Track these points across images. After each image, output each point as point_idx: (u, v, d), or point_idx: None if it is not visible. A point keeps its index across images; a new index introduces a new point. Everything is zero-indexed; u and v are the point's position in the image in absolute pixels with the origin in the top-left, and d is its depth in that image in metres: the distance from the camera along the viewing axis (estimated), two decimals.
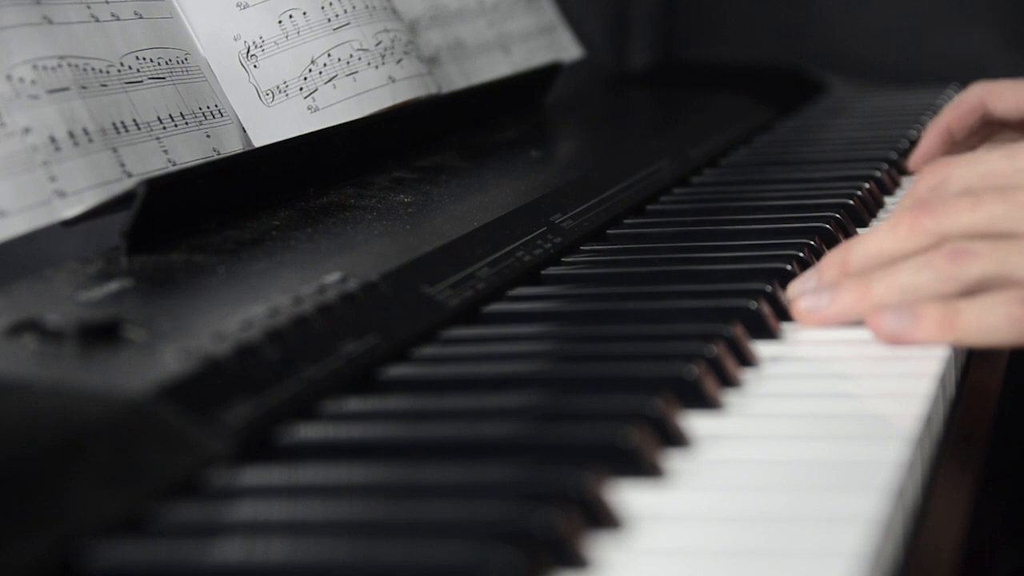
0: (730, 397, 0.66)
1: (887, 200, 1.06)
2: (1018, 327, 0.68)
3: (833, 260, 0.76)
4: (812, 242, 0.85)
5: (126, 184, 0.80)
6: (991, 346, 0.71)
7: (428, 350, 0.70)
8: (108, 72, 0.84)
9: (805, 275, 0.78)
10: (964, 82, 1.47)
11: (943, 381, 0.68)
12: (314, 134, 0.94)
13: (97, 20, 0.85)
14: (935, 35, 1.62)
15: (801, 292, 0.76)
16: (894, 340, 0.70)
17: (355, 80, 0.99)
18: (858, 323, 0.73)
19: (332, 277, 0.71)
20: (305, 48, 0.97)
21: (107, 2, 0.87)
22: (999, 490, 0.74)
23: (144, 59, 0.87)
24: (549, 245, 0.86)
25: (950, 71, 1.53)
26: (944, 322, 0.70)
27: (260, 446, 0.58)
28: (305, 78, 0.97)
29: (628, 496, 0.55)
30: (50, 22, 0.82)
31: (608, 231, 0.94)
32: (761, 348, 0.71)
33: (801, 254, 0.82)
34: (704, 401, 0.64)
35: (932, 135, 1.16)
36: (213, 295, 0.72)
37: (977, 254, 0.71)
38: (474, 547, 0.48)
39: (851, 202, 0.97)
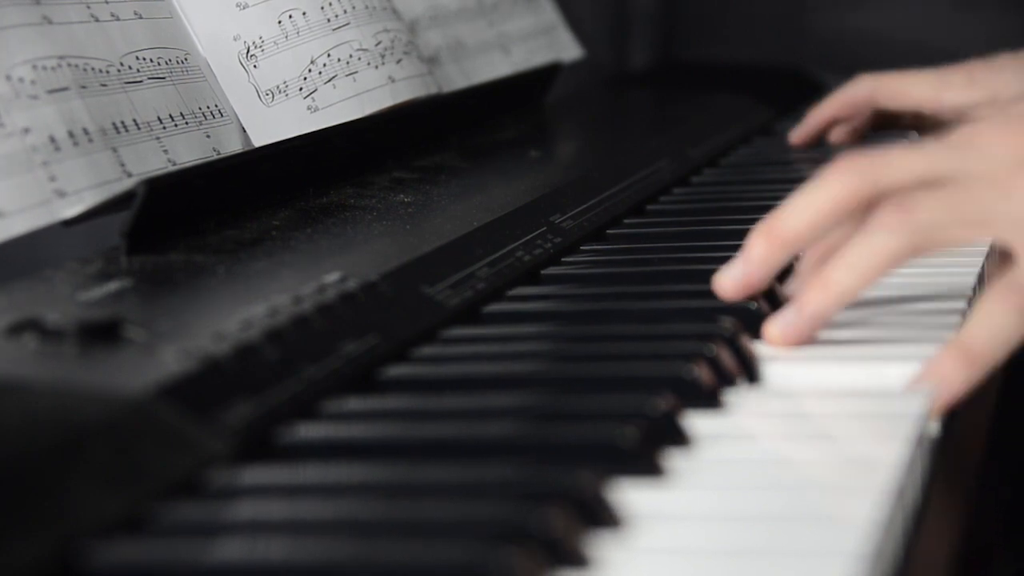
0: (730, 396, 0.66)
1: None
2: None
3: (759, 232, 0.72)
4: None
5: (126, 184, 0.80)
6: (1015, 349, 0.67)
7: (428, 350, 0.70)
8: (108, 72, 0.84)
9: (730, 264, 0.73)
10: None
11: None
12: (314, 134, 0.94)
13: (97, 20, 0.85)
14: (935, 35, 1.62)
15: (729, 278, 0.72)
16: (939, 407, 0.65)
17: (355, 80, 0.99)
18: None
19: (332, 277, 0.71)
20: (305, 48, 0.97)
21: (107, 2, 0.87)
22: (997, 491, 0.74)
23: (144, 59, 0.87)
24: (549, 245, 0.86)
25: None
26: (966, 360, 0.65)
27: (260, 446, 0.58)
28: (305, 78, 0.97)
29: (628, 495, 0.55)
30: (50, 22, 0.82)
31: (608, 231, 0.94)
32: (761, 348, 0.71)
33: (801, 253, 0.82)
34: (704, 401, 0.64)
35: (816, 121, 1.20)
36: (213, 295, 0.72)
37: (923, 200, 0.67)
38: (473, 547, 0.48)
39: None
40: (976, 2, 1.63)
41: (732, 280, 0.72)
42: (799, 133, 1.22)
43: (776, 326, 0.71)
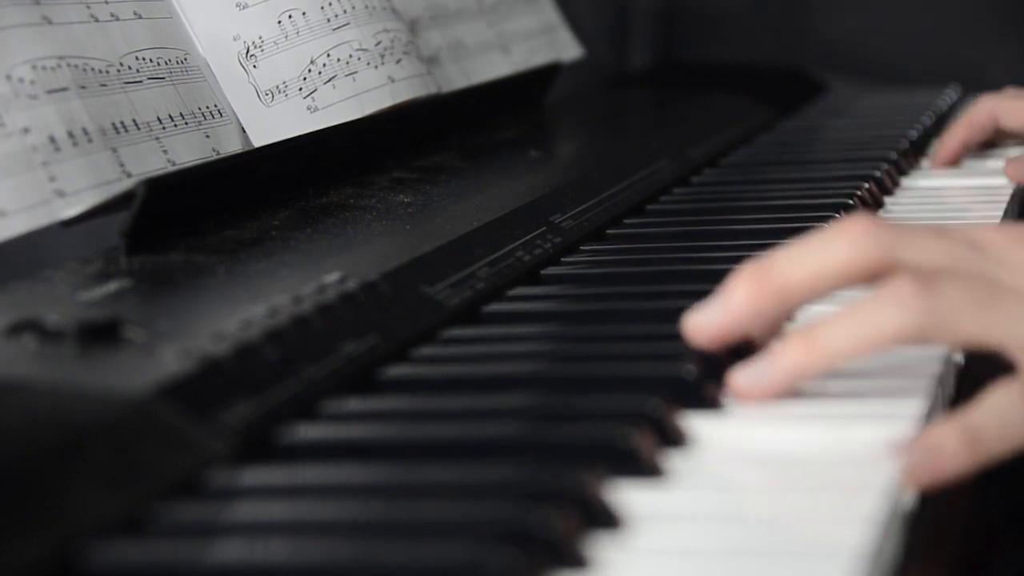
0: (730, 397, 0.66)
1: (887, 200, 1.06)
2: None
3: (746, 274, 0.63)
4: None
5: (126, 184, 0.80)
6: (1017, 451, 0.60)
7: (428, 350, 0.70)
8: (107, 72, 0.84)
9: (704, 306, 0.64)
10: (964, 82, 1.48)
11: (942, 381, 0.68)
12: (314, 134, 0.94)
13: (96, 20, 0.85)
14: (935, 35, 1.62)
15: (702, 321, 0.64)
16: (919, 480, 0.58)
17: (355, 80, 0.99)
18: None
19: (332, 277, 0.71)
20: (304, 48, 0.97)
21: (106, 2, 0.87)
22: (1001, 487, 0.74)
23: (143, 59, 0.87)
24: (549, 245, 0.86)
25: (950, 71, 1.53)
26: (969, 446, 0.58)
27: (260, 446, 0.58)
28: (304, 78, 0.97)
29: (627, 496, 0.55)
30: (49, 22, 0.82)
31: (608, 231, 0.94)
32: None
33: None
34: (704, 401, 0.64)
35: (949, 148, 1.19)
36: (213, 295, 0.72)
37: (948, 284, 0.60)
38: (473, 547, 0.48)
39: (851, 202, 0.97)
40: (976, 2, 1.63)
41: (705, 325, 0.64)
42: (939, 159, 1.19)
43: (743, 377, 0.63)
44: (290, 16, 0.98)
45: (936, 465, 0.58)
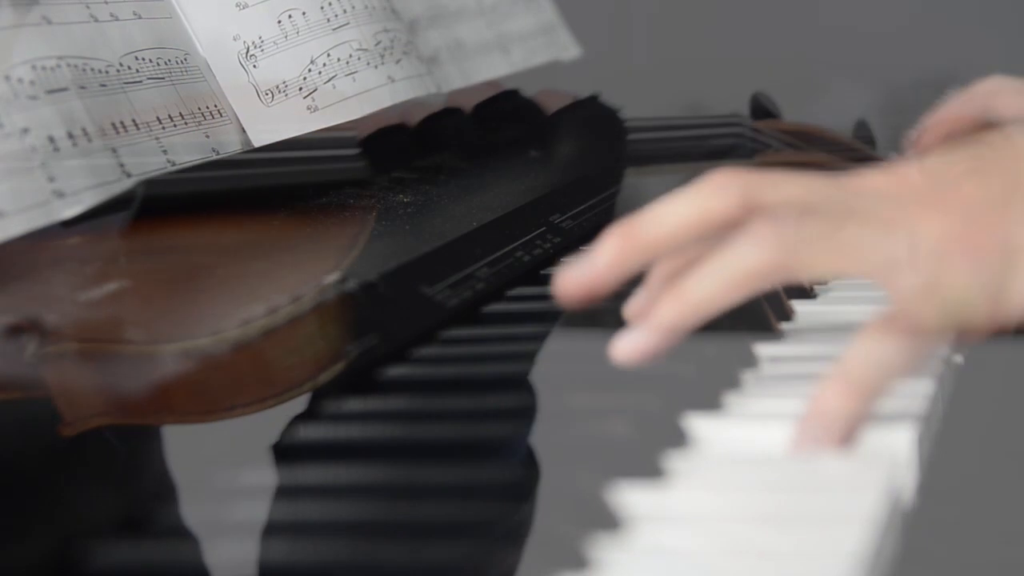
0: (730, 397, 0.66)
1: None
2: (913, 350, 0.61)
3: (614, 233, 0.64)
4: None
5: (125, 184, 0.80)
6: (905, 377, 0.62)
7: (428, 350, 0.70)
8: (107, 72, 0.84)
9: (575, 264, 0.65)
10: (964, 82, 1.48)
11: (942, 381, 0.68)
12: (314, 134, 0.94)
13: (96, 20, 0.85)
14: (935, 35, 1.62)
15: (571, 278, 0.64)
16: (827, 445, 0.59)
17: (354, 80, 0.99)
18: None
19: (331, 277, 0.71)
20: (304, 48, 0.97)
21: (106, 2, 0.87)
22: None
23: (143, 59, 0.87)
24: (549, 245, 0.86)
25: (950, 71, 1.53)
26: (854, 395, 0.60)
27: (260, 446, 0.58)
28: (304, 78, 0.97)
29: (628, 496, 0.55)
30: (49, 22, 0.82)
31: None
32: (761, 348, 0.71)
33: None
34: (704, 401, 0.64)
35: (939, 124, 1.17)
36: (213, 295, 0.72)
37: (797, 218, 0.62)
38: (473, 547, 0.48)
39: None
40: (976, 3, 1.63)
41: (573, 281, 0.64)
42: (929, 128, 1.16)
43: (623, 341, 0.64)
44: (290, 16, 0.97)
45: (830, 427, 0.59)
